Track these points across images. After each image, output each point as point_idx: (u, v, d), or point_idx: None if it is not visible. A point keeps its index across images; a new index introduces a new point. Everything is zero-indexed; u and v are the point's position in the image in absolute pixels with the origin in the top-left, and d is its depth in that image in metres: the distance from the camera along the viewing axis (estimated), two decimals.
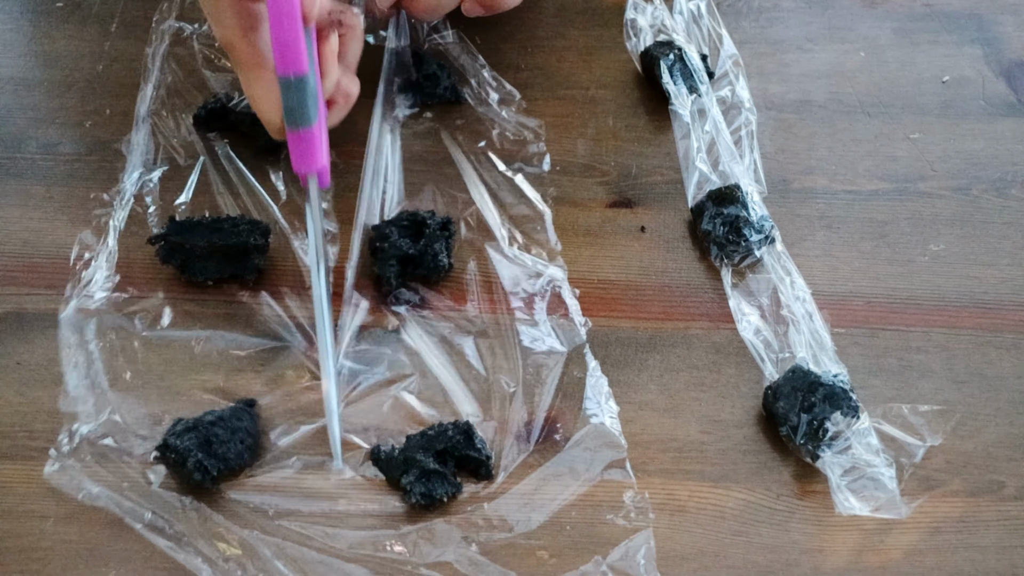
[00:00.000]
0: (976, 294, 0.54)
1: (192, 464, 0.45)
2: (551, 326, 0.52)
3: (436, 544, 0.45)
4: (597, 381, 0.50)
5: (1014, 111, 0.62)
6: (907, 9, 0.68)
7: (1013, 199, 0.58)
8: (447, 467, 0.46)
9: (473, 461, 0.47)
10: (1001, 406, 0.50)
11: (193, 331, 0.51)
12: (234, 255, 0.52)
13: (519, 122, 0.60)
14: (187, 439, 0.45)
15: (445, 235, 0.54)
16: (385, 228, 0.54)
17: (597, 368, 0.50)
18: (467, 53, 0.63)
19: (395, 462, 0.47)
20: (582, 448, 0.48)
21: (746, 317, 0.52)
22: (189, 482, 0.46)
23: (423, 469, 0.46)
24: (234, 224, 0.53)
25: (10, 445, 0.48)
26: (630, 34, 0.64)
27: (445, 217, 0.55)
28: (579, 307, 0.53)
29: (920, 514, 0.46)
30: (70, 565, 0.44)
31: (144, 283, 0.53)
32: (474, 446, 0.47)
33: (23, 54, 0.64)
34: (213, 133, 0.59)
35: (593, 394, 0.49)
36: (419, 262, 0.53)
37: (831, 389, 0.48)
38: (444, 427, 0.47)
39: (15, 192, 0.57)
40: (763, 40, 0.66)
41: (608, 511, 0.46)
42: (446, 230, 0.54)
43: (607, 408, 0.49)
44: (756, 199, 0.55)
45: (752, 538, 0.46)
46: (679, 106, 0.60)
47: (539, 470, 0.47)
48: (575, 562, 0.44)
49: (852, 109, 0.62)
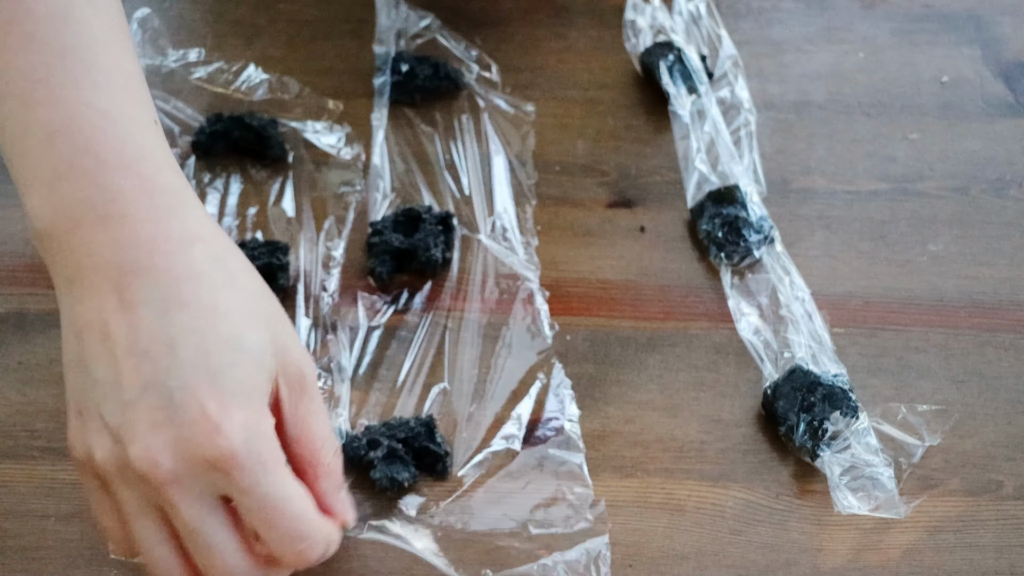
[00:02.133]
0: (975, 294, 0.54)
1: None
2: (522, 327, 0.52)
3: (391, 536, 0.45)
4: (560, 384, 0.50)
5: (1013, 112, 0.62)
6: (906, 10, 0.68)
7: (1011, 199, 0.58)
8: (408, 456, 0.47)
9: (432, 455, 0.47)
10: (1000, 406, 0.50)
11: None
12: None
13: (513, 104, 0.61)
14: None
15: (440, 229, 0.54)
16: (380, 224, 0.54)
17: (561, 371, 0.50)
18: (451, 40, 0.63)
19: (359, 442, 0.47)
20: (540, 451, 0.48)
21: (745, 317, 0.52)
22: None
23: (389, 449, 0.46)
24: (251, 248, 0.52)
25: (11, 444, 0.48)
26: (630, 35, 0.64)
27: (444, 212, 0.55)
28: (548, 310, 0.52)
29: (919, 513, 0.46)
30: (71, 564, 0.44)
31: None
32: (434, 440, 0.47)
33: None
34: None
35: (555, 397, 0.50)
36: (412, 256, 0.53)
37: (830, 389, 0.48)
38: (406, 420, 0.48)
39: (16, 192, 0.57)
40: (762, 41, 0.66)
41: (565, 514, 0.46)
42: (444, 224, 0.54)
43: (569, 411, 0.49)
44: (755, 199, 0.56)
45: (751, 537, 0.46)
46: (678, 107, 0.60)
47: (499, 472, 0.47)
48: (528, 561, 0.44)
49: (851, 109, 0.62)
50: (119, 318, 0.37)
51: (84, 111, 0.38)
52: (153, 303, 0.37)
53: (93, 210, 0.38)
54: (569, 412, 0.49)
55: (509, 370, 0.50)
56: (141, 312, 0.37)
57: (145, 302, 0.37)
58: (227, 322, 0.38)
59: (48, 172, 0.38)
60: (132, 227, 0.38)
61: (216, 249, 0.39)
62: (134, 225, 0.38)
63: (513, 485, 0.47)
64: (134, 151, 0.39)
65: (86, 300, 0.38)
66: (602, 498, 0.46)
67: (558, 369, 0.50)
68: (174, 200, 0.39)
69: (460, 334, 0.52)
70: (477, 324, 0.52)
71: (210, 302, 0.38)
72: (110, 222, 0.38)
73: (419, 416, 0.48)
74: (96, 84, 0.39)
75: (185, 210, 0.39)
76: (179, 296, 0.37)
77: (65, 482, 0.46)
